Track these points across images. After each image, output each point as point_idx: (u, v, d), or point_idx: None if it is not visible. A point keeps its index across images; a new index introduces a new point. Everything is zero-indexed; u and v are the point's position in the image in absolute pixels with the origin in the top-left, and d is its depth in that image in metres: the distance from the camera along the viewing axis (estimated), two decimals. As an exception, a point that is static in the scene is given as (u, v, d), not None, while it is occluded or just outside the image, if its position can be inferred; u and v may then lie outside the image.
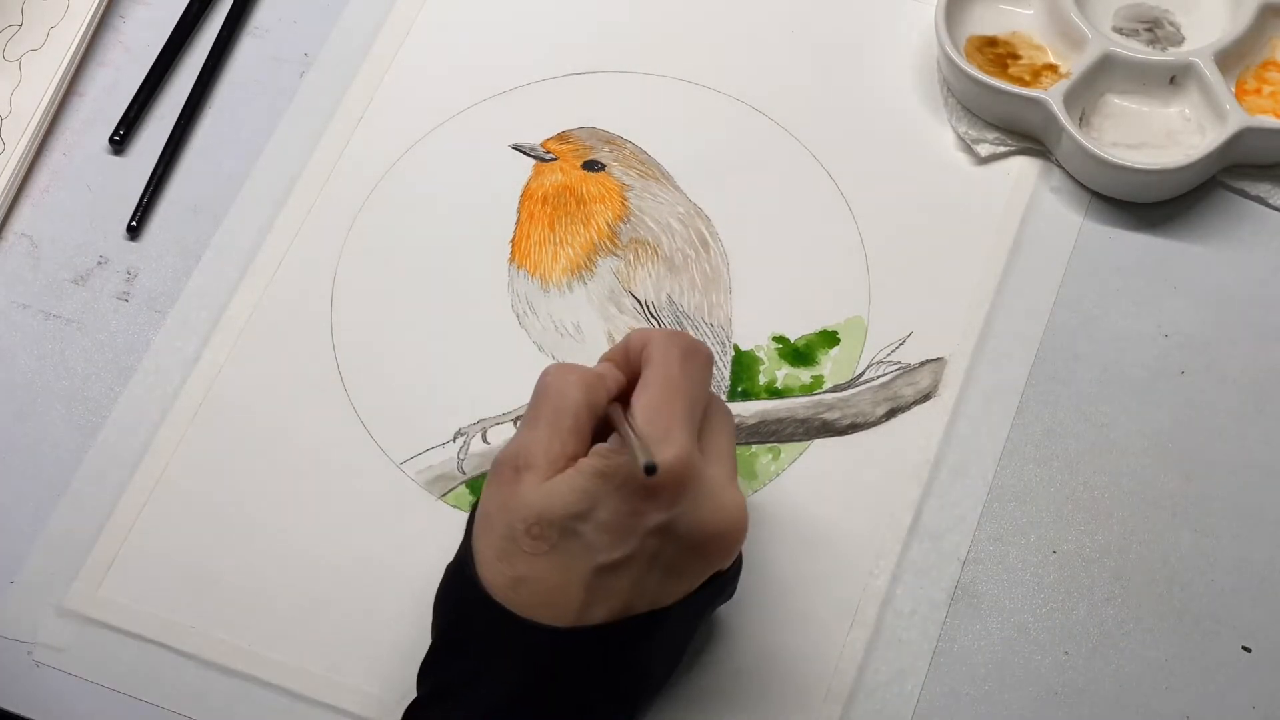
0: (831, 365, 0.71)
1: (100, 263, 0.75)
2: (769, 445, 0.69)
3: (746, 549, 0.67)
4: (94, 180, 0.78)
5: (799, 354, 0.71)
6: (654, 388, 0.58)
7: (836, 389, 0.70)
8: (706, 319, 0.72)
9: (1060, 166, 0.75)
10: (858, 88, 0.77)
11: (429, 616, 0.65)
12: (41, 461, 0.71)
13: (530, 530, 0.56)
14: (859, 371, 0.71)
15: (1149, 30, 0.77)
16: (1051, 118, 0.73)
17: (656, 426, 0.56)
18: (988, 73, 0.74)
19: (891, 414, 0.70)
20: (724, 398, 0.70)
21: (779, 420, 0.70)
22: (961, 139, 0.76)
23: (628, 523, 0.56)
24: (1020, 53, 0.76)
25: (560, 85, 0.78)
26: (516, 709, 0.56)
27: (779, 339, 0.72)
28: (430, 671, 0.59)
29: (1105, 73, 0.74)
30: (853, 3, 0.80)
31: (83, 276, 0.75)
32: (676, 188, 0.75)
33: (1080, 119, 0.74)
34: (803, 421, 0.70)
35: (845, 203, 0.75)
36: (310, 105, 0.79)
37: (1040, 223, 0.74)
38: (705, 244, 0.74)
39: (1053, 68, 0.76)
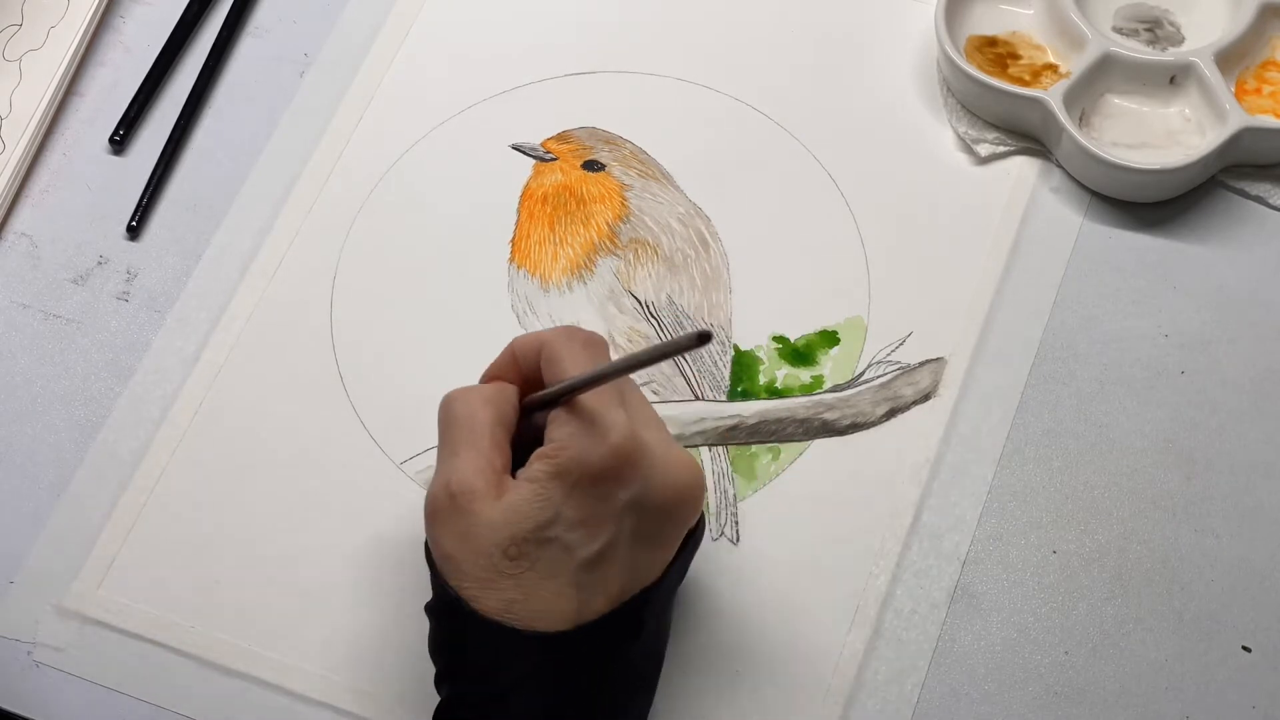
0: (831, 365, 0.71)
1: (100, 262, 0.75)
2: (769, 445, 0.69)
3: (747, 547, 0.67)
4: (94, 180, 0.78)
5: (799, 354, 0.71)
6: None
7: (836, 389, 0.70)
8: (706, 319, 0.72)
9: (1060, 166, 0.75)
10: (858, 88, 0.77)
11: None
12: (41, 461, 0.71)
13: (507, 553, 0.56)
14: (859, 371, 0.71)
15: (1149, 30, 0.77)
16: (1051, 117, 0.73)
17: (595, 413, 0.56)
18: (988, 72, 0.74)
19: (891, 414, 0.70)
20: (724, 398, 0.70)
21: (779, 420, 0.70)
22: (961, 139, 0.76)
23: (597, 510, 0.56)
24: (1020, 52, 0.76)
25: (560, 85, 0.78)
26: (556, 717, 0.56)
27: (779, 339, 0.72)
28: (451, 705, 0.58)
29: (1105, 73, 0.74)
30: (852, 2, 0.80)
31: (82, 276, 0.75)
32: (676, 188, 0.75)
33: (1080, 119, 0.74)
34: (803, 421, 0.70)
35: (845, 203, 0.75)
36: (310, 105, 0.79)
37: (1040, 223, 0.74)
38: (705, 244, 0.74)
39: (1053, 67, 0.76)
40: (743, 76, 0.78)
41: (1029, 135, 0.75)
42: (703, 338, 0.50)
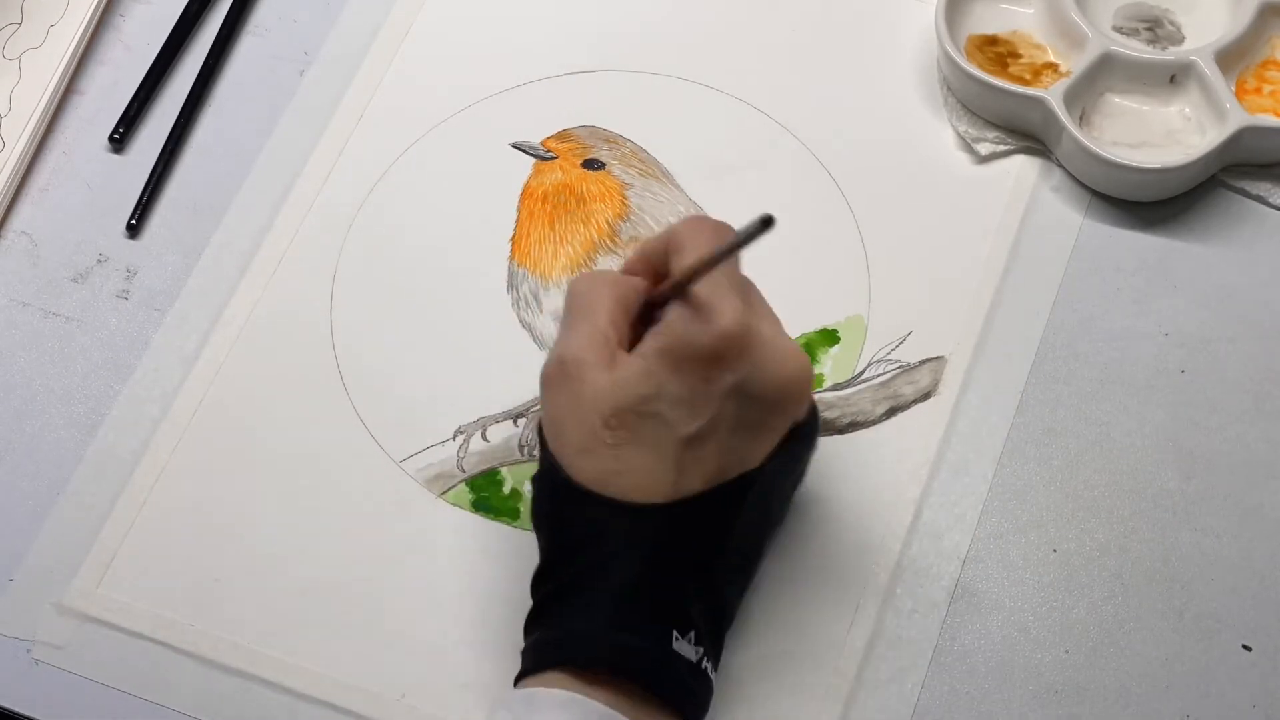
0: (831, 364, 0.71)
1: (100, 261, 0.75)
2: (769, 444, 0.69)
3: (747, 547, 0.67)
4: (94, 178, 0.78)
5: (799, 352, 0.71)
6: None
7: (836, 387, 0.70)
8: (706, 317, 0.72)
9: (1060, 166, 0.75)
10: (858, 87, 0.77)
11: (428, 613, 0.65)
12: (41, 460, 0.71)
13: (608, 423, 0.57)
14: (859, 370, 0.71)
15: (1149, 29, 0.77)
16: (1052, 116, 0.73)
17: (709, 293, 0.57)
18: (988, 71, 0.74)
19: (891, 413, 0.70)
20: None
21: (779, 419, 0.70)
22: (962, 138, 0.76)
23: (701, 390, 0.57)
24: (1020, 51, 0.76)
25: (560, 84, 0.78)
26: (639, 588, 0.57)
27: (779, 337, 0.72)
28: (546, 578, 0.60)
29: (1105, 72, 0.74)
30: (853, 2, 0.80)
31: (82, 275, 0.75)
32: (676, 186, 0.75)
33: (1080, 118, 0.74)
34: (803, 420, 0.70)
35: (845, 202, 0.75)
36: (310, 104, 0.78)
37: (1040, 222, 0.74)
38: (705, 242, 0.74)
39: (1053, 66, 0.76)
40: (743, 76, 0.78)
41: (1029, 134, 0.75)
42: (766, 222, 0.54)
